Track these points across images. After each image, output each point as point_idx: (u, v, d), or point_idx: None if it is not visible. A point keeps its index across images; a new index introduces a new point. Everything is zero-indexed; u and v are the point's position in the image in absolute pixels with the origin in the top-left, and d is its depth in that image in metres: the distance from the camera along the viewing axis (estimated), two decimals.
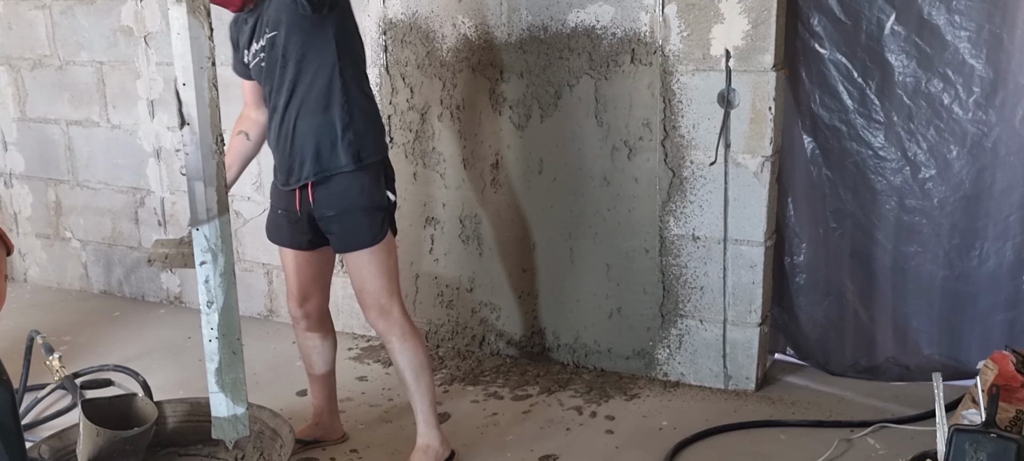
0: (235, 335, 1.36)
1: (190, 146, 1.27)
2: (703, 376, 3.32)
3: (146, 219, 4.31)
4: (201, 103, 1.25)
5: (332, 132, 2.53)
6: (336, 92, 2.52)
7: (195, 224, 1.30)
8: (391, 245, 2.65)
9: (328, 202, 2.58)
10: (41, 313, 4.28)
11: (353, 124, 2.54)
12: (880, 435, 2.91)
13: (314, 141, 2.53)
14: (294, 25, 2.48)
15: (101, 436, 2.53)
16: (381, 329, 2.66)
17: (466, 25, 3.37)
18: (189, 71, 1.24)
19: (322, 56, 2.50)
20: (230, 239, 1.33)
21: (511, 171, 3.44)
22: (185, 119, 1.26)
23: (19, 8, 4.32)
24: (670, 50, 3.09)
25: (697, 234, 3.20)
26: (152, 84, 4.08)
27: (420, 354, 2.68)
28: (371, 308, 2.64)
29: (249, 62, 2.66)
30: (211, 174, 1.28)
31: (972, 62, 2.93)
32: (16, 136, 4.55)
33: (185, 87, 1.25)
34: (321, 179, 2.56)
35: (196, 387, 3.30)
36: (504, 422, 3.11)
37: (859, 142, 3.11)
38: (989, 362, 2.66)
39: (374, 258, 2.60)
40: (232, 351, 1.36)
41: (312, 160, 2.55)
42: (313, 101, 2.52)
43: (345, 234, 2.60)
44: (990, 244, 3.05)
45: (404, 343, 2.65)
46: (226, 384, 1.37)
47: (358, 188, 2.57)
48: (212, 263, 1.33)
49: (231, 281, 1.34)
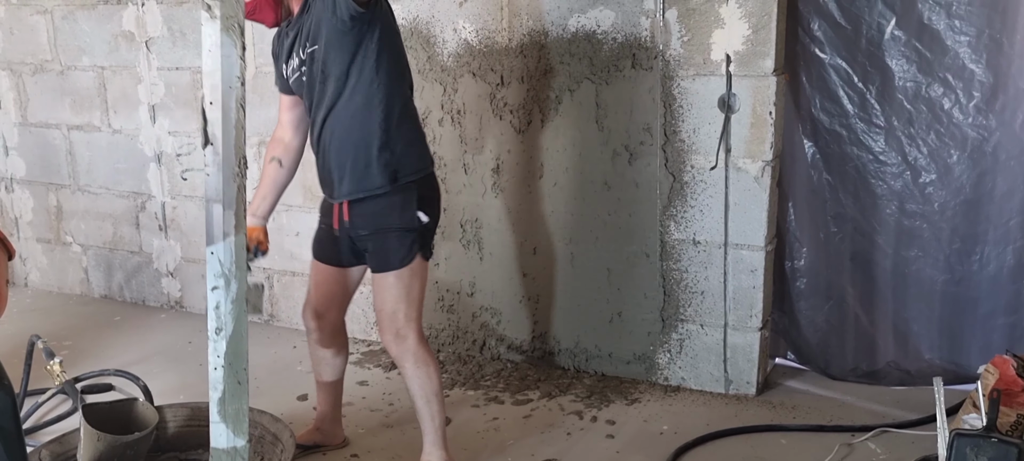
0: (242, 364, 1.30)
1: (212, 167, 1.22)
2: (704, 381, 3.32)
3: (147, 224, 4.31)
4: (227, 124, 1.20)
5: (367, 151, 2.48)
6: (374, 109, 2.46)
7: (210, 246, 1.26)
8: (418, 270, 2.57)
9: (363, 221, 2.54)
10: (42, 318, 4.28)
11: (390, 143, 2.48)
12: (881, 440, 2.91)
13: (350, 159, 2.49)
14: (334, 40, 2.42)
15: (102, 441, 2.53)
16: (394, 353, 2.61)
17: (467, 30, 3.38)
18: (217, 90, 1.19)
19: (361, 72, 2.44)
20: (244, 265, 1.30)
21: (512, 176, 3.45)
22: (209, 138, 1.22)
23: (21, 13, 4.33)
24: (671, 55, 3.09)
25: (698, 238, 3.20)
26: (153, 89, 4.08)
27: (433, 381, 2.62)
28: (387, 331, 2.59)
29: (289, 76, 2.60)
30: (231, 197, 1.23)
31: (972, 67, 2.93)
32: (17, 141, 4.56)
33: (211, 106, 1.20)
34: (356, 199, 2.53)
35: (197, 392, 3.29)
36: (505, 427, 3.10)
37: (860, 147, 3.11)
38: (990, 366, 2.66)
39: (398, 282, 2.55)
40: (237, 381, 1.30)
41: (348, 179, 2.51)
42: (350, 118, 2.47)
43: (376, 253, 2.56)
44: (991, 248, 3.05)
45: (417, 369, 2.61)
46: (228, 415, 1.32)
47: (391, 209, 2.52)
48: (224, 288, 1.29)
49: (242, 308, 1.29)
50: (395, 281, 2.55)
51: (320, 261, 2.75)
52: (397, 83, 2.51)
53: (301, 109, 2.66)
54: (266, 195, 2.72)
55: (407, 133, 2.53)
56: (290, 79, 2.61)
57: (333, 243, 2.68)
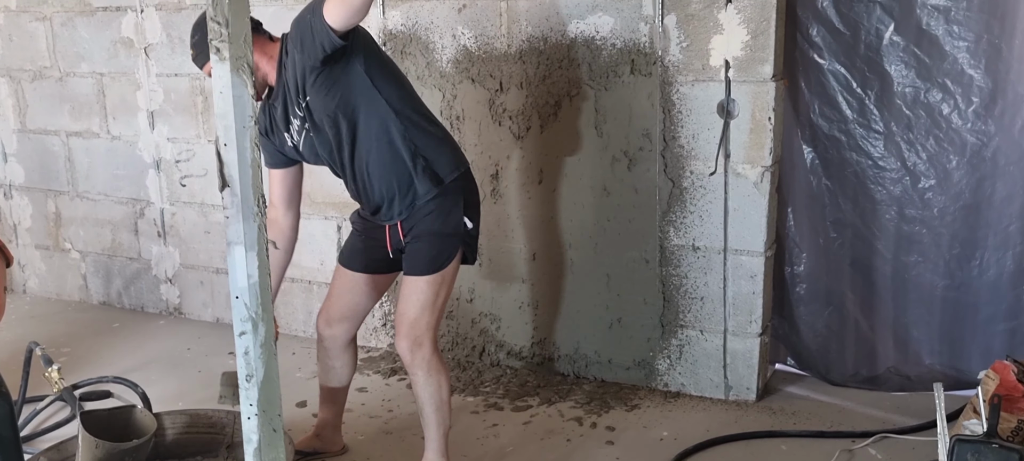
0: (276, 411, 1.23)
1: (231, 209, 1.21)
2: (704, 386, 3.31)
3: (146, 230, 4.31)
4: (243, 164, 1.19)
5: (404, 167, 2.48)
6: (392, 126, 2.47)
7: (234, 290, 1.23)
8: (449, 277, 2.56)
9: (414, 229, 2.54)
10: (40, 324, 4.27)
11: (421, 150, 2.49)
12: (881, 445, 2.90)
13: (395, 181, 2.50)
14: (324, 81, 2.42)
15: (100, 448, 2.52)
16: (407, 360, 2.59)
17: (466, 36, 3.38)
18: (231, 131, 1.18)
19: (365, 97, 2.44)
20: (271, 308, 1.26)
21: (511, 182, 3.44)
22: (226, 181, 1.20)
23: (20, 20, 4.33)
24: (670, 61, 3.09)
25: (697, 244, 3.20)
26: (152, 95, 4.08)
27: (443, 391, 2.61)
28: (405, 336, 2.56)
29: (297, 143, 2.58)
30: (252, 238, 1.21)
31: (971, 72, 2.93)
32: (16, 147, 4.55)
33: (226, 147, 1.19)
34: (409, 214, 2.53)
35: (195, 398, 3.29)
36: (504, 433, 3.10)
37: (859, 152, 3.11)
38: (990, 372, 2.66)
39: (429, 287, 2.53)
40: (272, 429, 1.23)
41: (398, 201, 2.52)
42: (376, 144, 2.48)
43: (413, 255, 2.55)
44: (990, 254, 3.05)
45: (430, 378, 2.59)
46: None
47: (438, 212, 2.51)
48: (252, 333, 1.25)
49: (271, 352, 1.25)
50: (425, 286, 2.53)
51: (348, 268, 2.74)
52: (402, 93, 2.52)
53: (291, 182, 2.67)
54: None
55: (432, 136, 2.54)
56: (299, 145, 2.59)
57: (369, 254, 2.68)
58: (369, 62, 2.45)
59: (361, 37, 2.46)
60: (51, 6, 4.22)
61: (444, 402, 2.62)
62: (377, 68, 2.47)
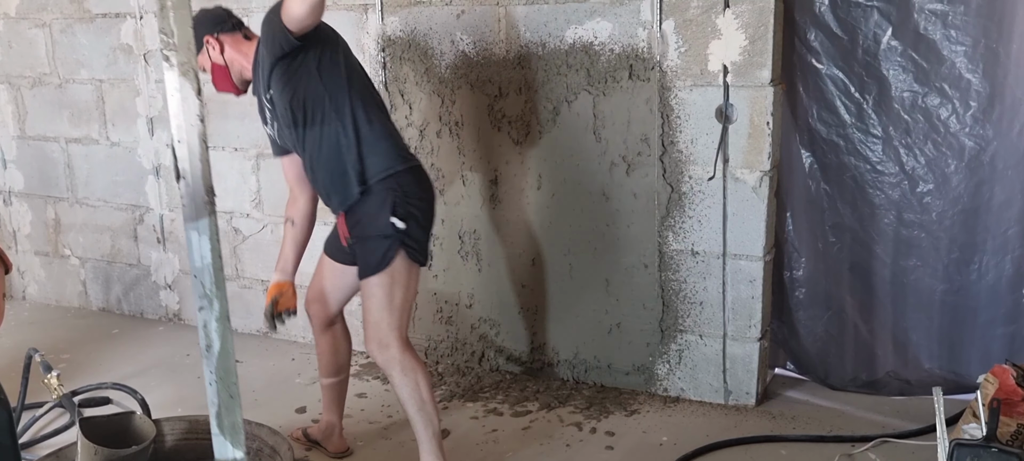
0: (232, 379, 1.44)
1: (186, 198, 1.40)
2: (703, 391, 3.31)
3: (145, 236, 4.31)
4: (193, 159, 1.37)
5: (341, 163, 2.57)
6: (333, 124, 2.57)
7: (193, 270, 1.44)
8: (401, 277, 2.58)
9: (353, 229, 2.63)
10: (39, 331, 4.27)
11: (356, 148, 2.57)
12: (881, 450, 2.90)
13: (334, 174, 2.60)
14: (279, 77, 2.56)
15: (99, 454, 2.52)
16: (379, 362, 2.64)
17: (464, 41, 3.38)
18: (182, 129, 1.35)
19: (310, 93, 2.56)
20: (223, 285, 1.45)
21: (510, 187, 3.45)
22: (180, 174, 1.38)
23: (19, 26, 4.34)
24: (668, 66, 3.10)
25: (696, 249, 3.20)
26: (151, 102, 4.09)
27: (421, 388, 2.62)
28: (371, 339, 2.62)
29: (273, 133, 2.74)
30: (204, 225, 1.40)
31: (969, 76, 2.93)
32: (16, 154, 4.56)
33: (180, 144, 1.36)
34: (347, 209, 2.62)
35: (194, 405, 3.29)
36: (504, 438, 3.09)
37: (857, 156, 3.11)
38: (989, 376, 2.65)
39: (379, 288, 2.57)
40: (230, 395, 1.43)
41: (335, 193, 2.63)
42: (322, 138, 2.58)
43: (360, 259, 2.63)
44: (989, 258, 3.05)
45: (404, 377, 2.61)
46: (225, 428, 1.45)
47: (367, 213, 2.59)
48: (209, 308, 1.45)
49: (226, 326, 1.46)
50: (376, 288, 2.58)
51: (328, 256, 2.87)
52: (351, 92, 2.59)
53: (299, 166, 2.75)
54: (288, 254, 2.85)
55: (371, 135, 2.60)
56: (275, 135, 2.74)
57: (333, 238, 2.82)
58: (322, 60, 2.55)
59: (322, 35, 2.55)
60: (50, 13, 4.23)
61: (425, 400, 2.64)
62: (329, 66, 2.56)
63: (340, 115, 2.56)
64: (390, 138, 2.64)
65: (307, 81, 2.55)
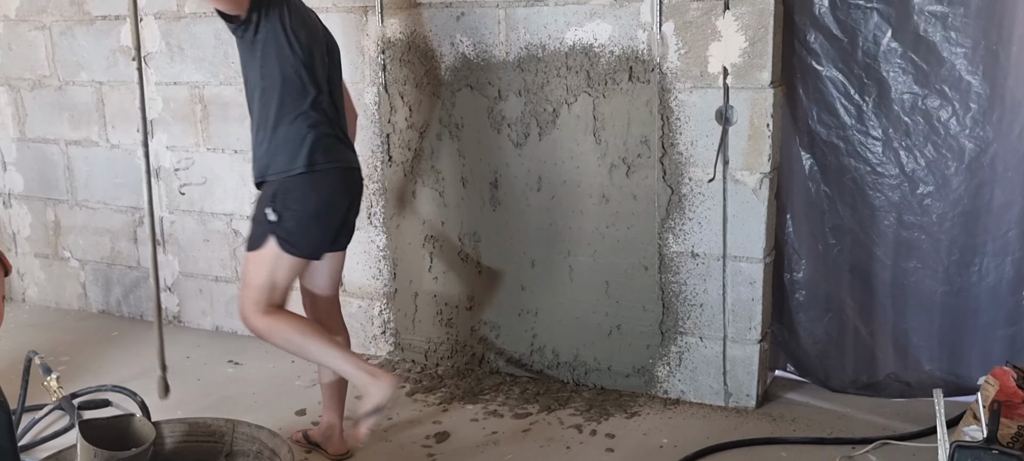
0: None
1: None
2: (703, 393, 3.31)
3: (145, 238, 4.30)
4: None
5: (257, 147, 2.70)
6: (259, 109, 2.67)
7: None
8: (267, 261, 2.67)
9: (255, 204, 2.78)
10: (39, 333, 4.27)
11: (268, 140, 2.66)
12: (882, 452, 2.90)
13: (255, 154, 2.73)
14: (239, 49, 2.67)
15: (99, 457, 2.52)
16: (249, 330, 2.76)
17: (464, 44, 3.38)
18: None
19: (250, 75, 2.67)
20: None
21: (510, 189, 3.45)
22: None
23: (19, 29, 4.34)
24: (668, 68, 3.10)
25: (696, 251, 3.20)
26: (151, 104, 4.08)
27: (299, 334, 2.70)
28: (239, 310, 2.76)
29: None
30: None
31: (969, 78, 2.93)
32: (15, 156, 4.56)
33: None
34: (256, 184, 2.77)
35: (194, 407, 3.29)
36: (504, 441, 3.09)
37: (857, 158, 3.11)
38: (990, 378, 2.65)
39: (247, 263, 2.72)
40: None
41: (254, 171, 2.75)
42: (255, 114, 2.71)
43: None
44: (990, 260, 3.05)
45: (276, 336, 2.70)
46: None
47: (259, 198, 2.72)
48: None
49: None
50: (247, 264, 2.73)
51: None
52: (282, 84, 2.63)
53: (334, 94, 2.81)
54: None
55: (284, 133, 2.65)
56: None
57: None
58: (266, 47, 2.61)
59: (269, 19, 2.58)
60: (50, 15, 4.23)
61: (309, 339, 2.70)
62: (270, 56, 2.61)
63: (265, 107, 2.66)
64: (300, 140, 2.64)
65: (250, 63, 2.66)
